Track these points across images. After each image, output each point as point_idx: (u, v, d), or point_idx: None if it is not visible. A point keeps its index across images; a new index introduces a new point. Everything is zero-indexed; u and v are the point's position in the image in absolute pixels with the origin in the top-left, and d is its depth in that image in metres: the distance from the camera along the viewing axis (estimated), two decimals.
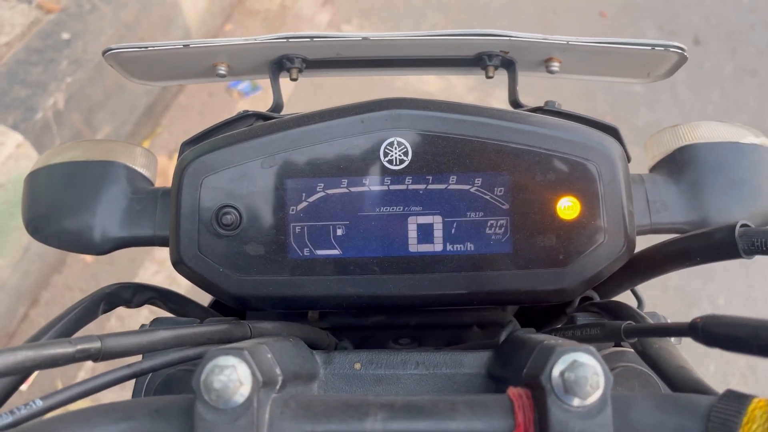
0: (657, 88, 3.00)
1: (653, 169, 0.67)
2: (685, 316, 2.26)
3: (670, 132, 0.67)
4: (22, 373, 0.38)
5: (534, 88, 2.54)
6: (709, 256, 0.51)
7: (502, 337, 0.60)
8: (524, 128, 0.55)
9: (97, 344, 0.40)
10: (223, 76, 0.70)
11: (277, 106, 0.69)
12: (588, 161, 0.55)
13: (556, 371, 0.37)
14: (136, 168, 0.67)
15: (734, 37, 3.24)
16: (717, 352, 0.41)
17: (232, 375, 0.37)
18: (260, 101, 2.77)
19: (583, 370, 0.36)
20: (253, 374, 0.38)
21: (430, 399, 0.40)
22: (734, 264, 2.33)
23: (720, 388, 0.41)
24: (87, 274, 2.22)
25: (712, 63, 3.10)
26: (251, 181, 0.56)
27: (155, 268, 2.25)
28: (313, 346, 0.62)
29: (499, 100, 2.79)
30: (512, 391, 0.40)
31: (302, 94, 2.66)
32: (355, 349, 0.72)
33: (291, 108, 0.72)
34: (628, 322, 0.47)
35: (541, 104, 0.66)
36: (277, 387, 0.42)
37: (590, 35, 0.65)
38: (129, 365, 0.44)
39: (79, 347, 0.39)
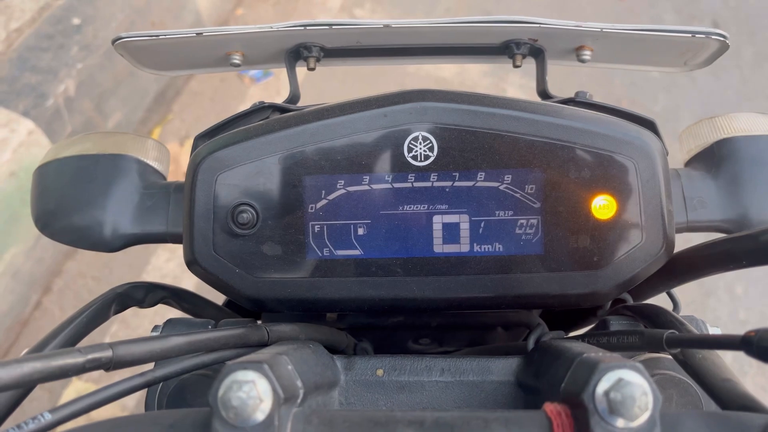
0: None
1: (689, 163, 0.64)
2: (702, 305, 2.22)
3: (707, 124, 0.64)
4: (28, 385, 0.35)
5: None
6: (756, 260, 0.48)
7: (531, 341, 0.57)
8: (557, 122, 0.52)
9: (108, 353, 0.38)
10: (237, 65, 0.68)
11: (294, 97, 0.66)
12: (625, 157, 0.51)
13: (599, 389, 0.34)
14: (148, 161, 0.65)
15: (753, 20, 3.17)
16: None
17: (252, 391, 0.35)
18: (272, 87, 2.74)
19: (630, 389, 0.34)
20: (274, 390, 0.36)
21: (461, 415, 0.37)
22: None
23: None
24: (100, 261, 2.21)
25: (731, 47, 3.03)
26: (268, 177, 0.53)
27: (167, 255, 2.24)
28: (331, 348, 0.60)
29: (514, 86, 2.74)
30: (550, 407, 0.37)
31: (313, 78, 2.63)
32: (374, 349, 0.70)
33: (303, 95, 0.69)
34: (671, 331, 0.44)
35: (571, 95, 0.63)
36: (299, 401, 0.40)
37: (611, 20, 0.62)
38: (141, 374, 0.42)
39: (89, 357, 0.37)
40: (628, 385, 0.34)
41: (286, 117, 0.55)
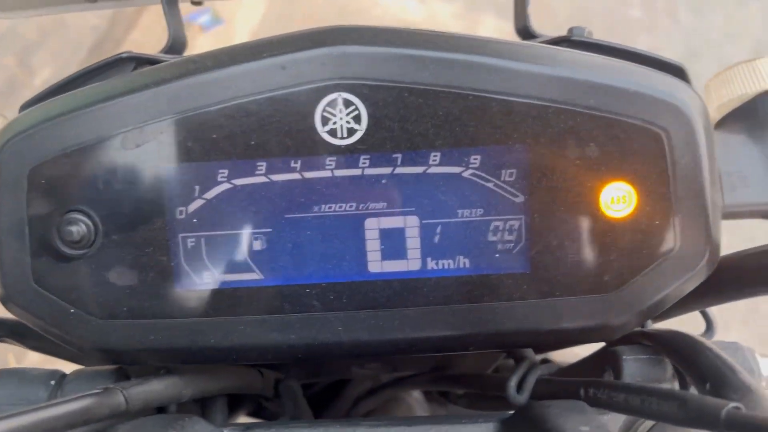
0: (657, 11, 2.79)
1: (721, 124, 0.48)
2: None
3: (745, 69, 0.48)
4: None
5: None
6: None
7: (513, 383, 0.41)
8: (550, 72, 0.34)
9: None
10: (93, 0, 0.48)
11: (176, 45, 0.47)
12: (653, 123, 0.34)
13: None
14: None
15: None
16: None
17: None
18: (222, 36, 2.50)
19: None
20: None
21: None
22: None
23: None
24: None
25: None
26: (110, 169, 0.35)
27: None
28: (241, 394, 0.43)
29: (489, 30, 2.52)
30: None
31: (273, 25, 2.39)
32: (308, 377, 0.54)
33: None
34: (734, 405, 0.28)
35: (561, 33, 0.46)
36: None
37: None
38: None
39: None
40: None
41: (137, 74, 0.36)
